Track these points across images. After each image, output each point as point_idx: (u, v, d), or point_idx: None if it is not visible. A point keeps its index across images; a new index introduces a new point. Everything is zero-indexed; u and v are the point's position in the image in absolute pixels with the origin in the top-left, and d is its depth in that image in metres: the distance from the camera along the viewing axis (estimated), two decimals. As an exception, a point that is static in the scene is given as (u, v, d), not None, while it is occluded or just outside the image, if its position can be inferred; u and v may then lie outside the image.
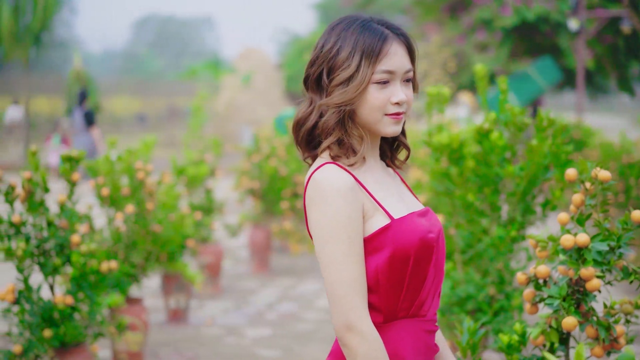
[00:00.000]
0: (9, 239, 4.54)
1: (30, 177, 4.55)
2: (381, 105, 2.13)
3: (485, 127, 4.24)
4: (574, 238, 2.62)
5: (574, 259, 2.65)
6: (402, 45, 2.17)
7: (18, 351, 4.52)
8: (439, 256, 2.21)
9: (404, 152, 2.35)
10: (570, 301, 2.63)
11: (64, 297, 4.55)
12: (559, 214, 2.82)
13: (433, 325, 2.23)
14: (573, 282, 2.67)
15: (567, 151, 4.12)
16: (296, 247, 9.82)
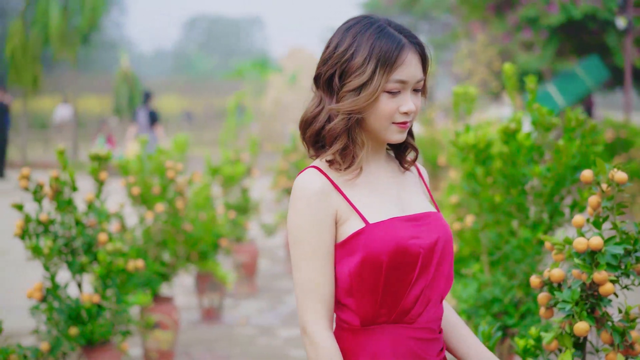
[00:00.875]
0: (37, 237, 4.59)
1: (57, 176, 4.59)
2: (390, 114, 2.11)
3: (512, 127, 4.17)
4: (586, 241, 2.56)
5: (587, 263, 2.58)
6: (417, 54, 2.12)
7: (45, 349, 4.56)
8: (434, 262, 2.14)
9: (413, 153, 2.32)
10: (583, 306, 2.57)
11: (91, 296, 4.58)
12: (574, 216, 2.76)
13: (428, 333, 2.16)
14: (587, 286, 2.61)
15: (596, 152, 4.04)
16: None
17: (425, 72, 2.15)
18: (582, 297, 2.61)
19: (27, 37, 22.77)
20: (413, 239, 2.11)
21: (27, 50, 22.69)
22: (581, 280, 2.58)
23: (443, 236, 2.17)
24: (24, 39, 22.54)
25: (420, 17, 39.72)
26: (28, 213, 4.58)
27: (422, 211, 2.20)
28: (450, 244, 2.19)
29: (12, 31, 22.92)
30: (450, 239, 2.19)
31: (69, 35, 22.71)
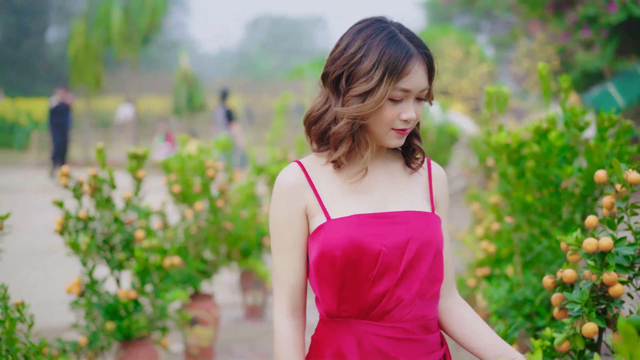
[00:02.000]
0: (77, 234, 4.70)
1: (96, 174, 4.69)
2: (391, 120, 2.14)
3: (544, 127, 4.14)
4: (596, 241, 2.53)
5: (598, 264, 2.56)
6: (424, 64, 2.14)
7: (83, 342, 4.67)
8: (404, 262, 2.13)
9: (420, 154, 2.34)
10: (593, 307, 2.54)
11: (128, 291, 4.67)
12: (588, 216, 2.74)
13: (401, 333, 2.16)
14: (598, 287, 2.59)
15: (630, 152, 3.98)
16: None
17: (430, 81, 2.17)
18: (594, 298, 2.59)
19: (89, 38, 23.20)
20: (374, 236, 2.12)
21: (89, 50, 23.14)
22: (591, 281, 2.57)
23: (419, 237, 2.15)
24: (86, 39, 22.98)
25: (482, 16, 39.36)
26: (68, 210, 4.70)
27: (400, 210, 2.19)
28: (431, 246, 2.16)
29: (75, 32, 23.39)
30: (431, 241, 2.16)
31: (130, 36, 23.08)
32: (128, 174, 4.90)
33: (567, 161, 4.15)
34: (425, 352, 2.19)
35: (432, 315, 2.21)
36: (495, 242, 5.23)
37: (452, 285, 2.33)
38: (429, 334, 2.21)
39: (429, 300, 2.19)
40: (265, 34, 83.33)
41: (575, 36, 18.07)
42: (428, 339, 2.20)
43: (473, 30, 40.00)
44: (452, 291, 2.33)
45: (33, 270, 9.27)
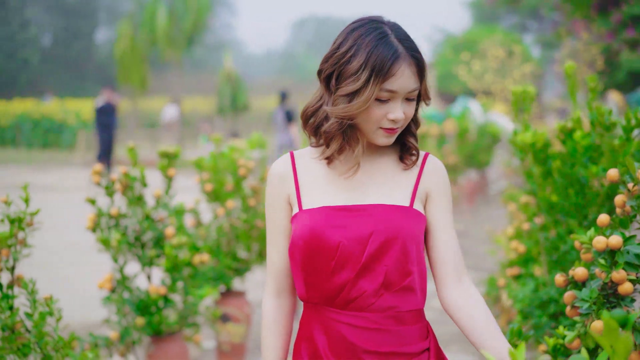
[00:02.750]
0: (109, 231, 4.79)
1: (127, 172, 4.79)
2: (378, 119, 2.18)
3: (569, 126, 4.13)
4: (606, 240, 2.54)
5: (608, 262, 2.57)
6: (412, 65, 2.17)
7: (114, 337, 4.76)
8: (366, 254, 2.17)
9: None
10: (601, 304, 2.55)
11: (158, 288, 4.76)
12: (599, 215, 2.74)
13: (367, 322, 2.20)
14: (608, 285, 2.59)
15: (657, 151, 3.95)
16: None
17: (422, 80, 2.20)
18: (604, 296, 2.60)
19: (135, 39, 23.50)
20: (335, 228, 2.18)
21: (135, 51, 23.44)
22: (601, 280, 2.58)
23: (384, 230, 2.18)
24: (132, 41, 23.28)
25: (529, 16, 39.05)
26: (100, 207, 4.80)
27: (370, 203, 2.23)
28: (398, 239, 2.18)
29: (121, 33, 23.71)
30: (398, 234, 2.18)
31: (174, 37, 23.32)
32: (155, 170, 4.98)
33: (593, 161, 4.14)
34: (399, 344, 2.21)
35: (407, 308, 2.22)
36: (525, 242, 5.22)
37: (457, 276, 2.26)
38: (402, 325, 2.22)
39: (400, 292, 2.20)
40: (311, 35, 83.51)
41: (620, 36, 17.87)
42: (401, 330, 2.22)
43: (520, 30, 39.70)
44: (459, 282, 2.26)
45: (68, 267, 9.44)
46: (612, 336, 1.48)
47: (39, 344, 3.68)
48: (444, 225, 2.28)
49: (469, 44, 30.47)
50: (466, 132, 14.36)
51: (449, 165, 13.28)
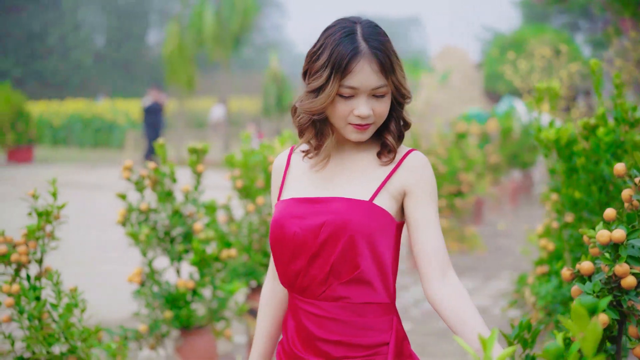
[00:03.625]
0: (140, 225, 4.88)
1: (156, 167, 4.88)
2: (345, 115, 2.25)
3: (592, 123, 4.12)
4: (609, 233, 2.54)
5: (612, 256, 2.57)
6: (373, 62, 2.21)
7: (144, 330, 4.85)
8: (317, 244, 2.24)
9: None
10: (604, 298, 2.54)
11: (186, 282, 4.83)
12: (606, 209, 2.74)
13: (319, 310, 2.27)
14: (613, 279, 2.59)
15: (681, 148, 3.92)
16: (454, 245, 9.76)
17: (388, 77, 2.23)
18: (609, 290, 2.59)
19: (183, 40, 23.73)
20: (294, 218, 2.27)
21: (183, 52, 23.67)
22: (604, 273, 2.57)
23: (334, 221, 2.22)
24: (180, 41, 23.51)
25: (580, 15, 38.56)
26: (130, 202, 4.90)
27: (332, 195, 2.29)
28: (345, 231, 2.21)
29: (169, 34, 23.96)
30: (346, 226, 2.21)
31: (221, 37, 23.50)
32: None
33: (616, 157, 4.11)
34: (351, 334, 2.26)
35: (361, 300, 2.25)
36: (555, 240, 5.19)
37: (441, 271, 2.25)
38: (356, 317, 2.26)
39: (351, 284, 2.24)
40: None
41: (669, 34, 17.57)
42: (355, 322, 2.25)
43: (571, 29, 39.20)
44: (443, 277, 2.25)
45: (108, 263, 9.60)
46: (582, 323, 1.50)
47: (65, 335, 3.77)
48: (424, 221, 2.27)
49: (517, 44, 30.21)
50: (509, 131, 14.25)
51: (491, 165, 13.19)
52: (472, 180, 9.83)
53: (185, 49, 23.58)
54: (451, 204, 9.37)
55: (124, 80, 53.09)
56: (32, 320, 3.69)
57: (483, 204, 12.87)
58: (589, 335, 1.51)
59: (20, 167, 23.47)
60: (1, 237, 3.77)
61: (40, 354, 3.79)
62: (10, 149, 24.59)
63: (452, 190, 9.53)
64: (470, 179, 9.77)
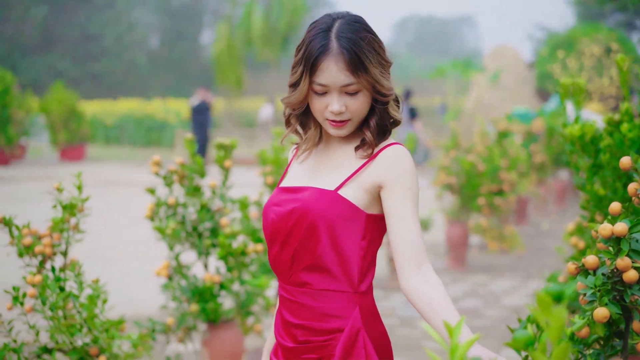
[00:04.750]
0: (168, 220, 4.95)
1: (183, 162, 4.94)
2: (321, 111, 2.30)
3: (616, 118, 4.07)
4: (611, 227, 2.52)
5: (615, 249, 2.54)
6: (340, 61, 2.23)
7: (171, 323, 4.92)
8: (286, 230, 2.31)
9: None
10: (605, 292, 2.53)
11: (212, 276, 4.88)
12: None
13: (289, 295, 2.36)
14: (615, 273, 2.56)
15: None
16: (493, 244, 9.69)
17: (358, 75, 2.24)
18: (612, 284, 2.57)
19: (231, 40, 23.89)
20: (274, 206, 2.36)
21: (231, 52, 23.83)
22: (606, 267, 2.55)
23: (299, 209, 2.29)
24: (229, 41, 23.68)
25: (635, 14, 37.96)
26: (159, 197, 4.97)
27: (307, 185, 2.35)
28: (306, 218, 2.27)
29: (219, 34, 24.14)
30: (307, 214, 2.27)
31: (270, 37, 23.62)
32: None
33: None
34: (310, 319, 2.33)
35: (321, 287, 2.31)
36: (586, 237, 5.14)
37: (415, 264, 2.26)
38: (316, 302, 2.32)
39: (311, 270, 2.31)
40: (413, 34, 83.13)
41: None
42: (315, 307, 2.32)
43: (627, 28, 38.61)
44: (417, 270, 2.24)
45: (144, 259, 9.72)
46: (547, 311, 1.49)
47: (88, 325, 3.84)
48: (398, 213, 2.28)
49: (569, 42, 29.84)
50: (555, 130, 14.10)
51: (537, 164, 13.07)
52: (513, 179, 9.74)
53: (234, 49, 23.74)
54: (490, 202, 9.30)
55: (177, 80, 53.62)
56: (54, 311, 3.76)
57: (527, 204, 12.75)
58: (553, 323, 1.50)
59: (71, 165, 23.86)
60: (26, 229, 3.86)
61: (64, 344, 3.86)
62: (63, 148, 25.03)
63: (493, 189, 9.46)
64: (511, 178, 9.68)
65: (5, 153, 22.81)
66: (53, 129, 24.95)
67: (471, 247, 10.27)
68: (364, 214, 2.30)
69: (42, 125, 26.82)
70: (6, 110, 22.61)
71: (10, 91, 22.88)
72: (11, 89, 22.96)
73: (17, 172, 20.58)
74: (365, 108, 2.31)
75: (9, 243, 3.83)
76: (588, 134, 4.23)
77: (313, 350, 2.33)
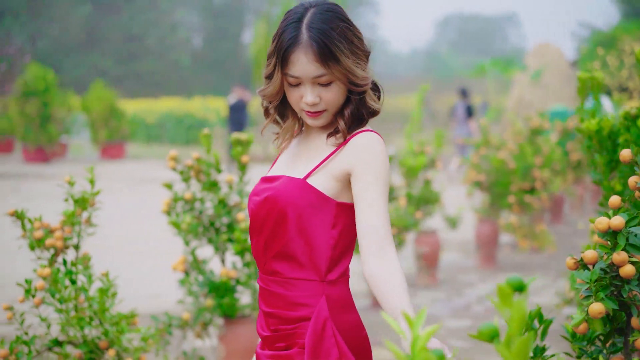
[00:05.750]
0: (184, 215, 4.96)
1: (199, 157, 4.94)
2: (296, 101, 2.31)
3: (633, 113, 3.99)
4: (608, 220, 2.46)
5: (612, 244, 2.49)
6: (310, 52, 2.22)
7: (187, 318, 4.93)
8: (261, 218, 2.33)
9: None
10: (600, 287, 2.47)
11: (228, 271, 4.89)
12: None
13: (264, 284, 2.37)
14: (614, 268, 2.50)
15: None
16: (524, 242, 9.58)
17: (327, 68, 2.23)
18: (611, 278, 2.51)
19: (269, 38, 23.93)
20: (255, 195, 2.36)
21: (270, 49, 23.85)
22: (603, 261, 2.49)
23: (271, 197, 2.30)
24: (266, 40, 23.72)
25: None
26: (176, 192, 4.98)
27: (282, 174, 2.36)
28: (276, 206, 2.29)
29: (257, 33, 24.19)
30: (276, 202, 2.29)
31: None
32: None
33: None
34: (280, 307, 2.33)
35: (290, 275, 2.32)
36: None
37: (377, 250, 2.23)
38: (286, 291, 2.33)
39: (280, 258, 2.32)
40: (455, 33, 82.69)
41: None
42: (284, 295, 2.33)
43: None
44: (378, 255, 2.23)
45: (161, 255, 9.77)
46: (507, 302, 1.46)
47: (99, 318, 3.86)
48: (364, 199, 2.26)
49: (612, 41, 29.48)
50: (592, 128, 13.91)
51: (573, 162, 12.90)
52: (546, 177, 9.61)
53: (272, 46, 23.76)
54: (521, 200, 9.20)
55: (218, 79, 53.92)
56: (62, 303, 3.79)
57: (563, 203, 12.60)
58: (514, 314, 1.47)
59: (111, 163, 24.12)
60: (38, 223, 3.90)
61: (74, 337, 3.89)
62: (103, 146, 25.31)
63: (525, 187, 9.35)
64: (544, 176, 9.56)
65: (46, 151, 23.10)
66: (94, 127, 25.24)
67: (502, 246, 10.17)
68: (334, 202, 2.29)
69: (83, 124, 27.13)
70: (47, 109, 22.92)
71: (52, 90, 23.18)
72: (53, 88, 23.25)
73: (56, 169, 20.83)
74: (340, 98, 2.30)
75: (21, 236, 3.87)
76: (605, 128, 4.16)
77: (282, 338, 2.33)
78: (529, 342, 1.46)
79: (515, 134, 9.98)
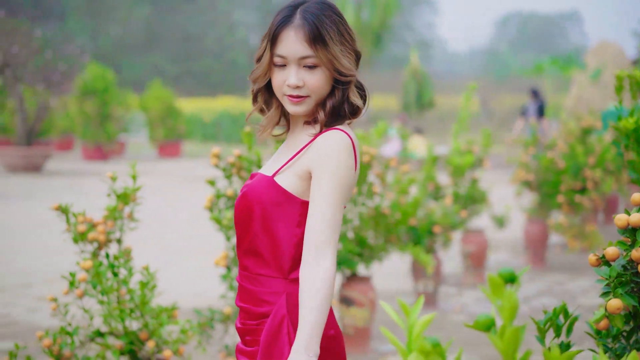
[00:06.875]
0: (226, 211, 5.05)
1: (240, 154, 5.03)
2: (279, 85, 2.32)
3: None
4: (627, 217, 2.47)
5: (631, 240, 2.50)
6: (300, 31, 2.26)
7: (229, 312, 5.02)
8: (238, 214, 2.37)
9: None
10: (618, 284, 2.48)
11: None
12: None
13: (239, 278, 2.42)
14: (635, 264, 2.51)
15: None
16: (573, 243, 9.50)
17: (317, 48, 2.26)
18: (631, 275, 2.52)
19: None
20: (240, 193, 2.39)
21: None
22: (622, 258, 2.51)
23: (245, 194, 2.36)
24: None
25: None
26: (219, 188, 5.07)
27: (260, 172, 2.40)
28: (245, 203, 2.33)
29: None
30: (246, 199, 2.33)
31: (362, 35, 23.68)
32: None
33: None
34: (249, 302, 2.37)
35: (257, 271, 2.35)
36: None
37: (311, 253, 2.23)
38: (254, 286, 2.36)
39: (248, 255, 2.37)
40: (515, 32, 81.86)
41: None
42: (253, 291, 2.36)
43: None
44: (310, 263, 2.22)
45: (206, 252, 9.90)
46: (498, 292, 1.50)
47: (140, 311, 3.97)
48: (313, 202, 2.25)
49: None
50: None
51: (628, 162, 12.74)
52: (598, 177, 9.51)
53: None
54: (571, 200, 9.12)
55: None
56: (104, 295, 3.90)
57: (618, 203, 12.45)
58: (505, 303, 1.51)
59: (168, 161, 24.46)
60: (82, 217, 4.02)
61: (116, 328, 4.00)
62: (160, 144, 25.67)
63: (575, 187, 9.27)
64: (596, 176, 9.46)
65: (104, 149, 23.53)
66: (151, 126, 25.62)
67: (552, 246, 10.09)
68: (299, 201, 2.29)
69: (141, 122, 27.56)
70: (106, 108, 23.34)
71: (111, 89, 23.60)
72: (111, 87, 23.67)
73: (113, 167, 21.20)
74: (325, 86, 2.31)
75: (65, 230, 3.99)
76: (643, 127, 4.12)
77: (249, 332, 2.37)
78: (520, 332, 1.49)
79: (567, 133, 9.90)
